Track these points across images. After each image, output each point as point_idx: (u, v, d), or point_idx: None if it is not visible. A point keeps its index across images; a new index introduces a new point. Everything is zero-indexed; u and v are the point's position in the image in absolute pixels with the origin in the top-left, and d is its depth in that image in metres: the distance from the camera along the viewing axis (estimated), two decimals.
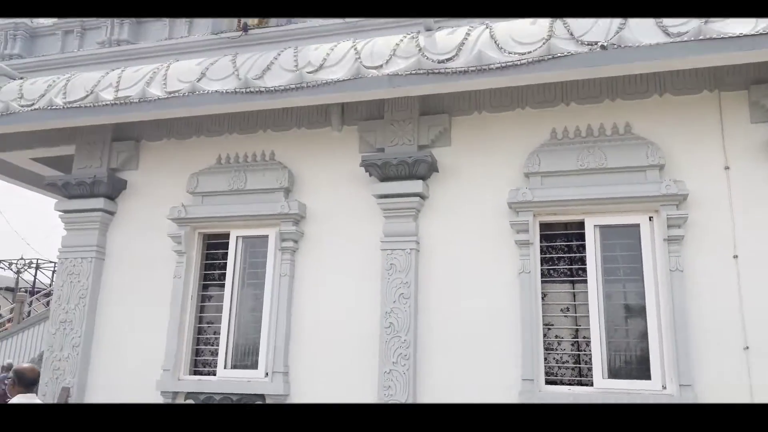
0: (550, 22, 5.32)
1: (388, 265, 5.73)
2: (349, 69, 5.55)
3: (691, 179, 5.23)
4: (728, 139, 5.27)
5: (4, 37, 7.57)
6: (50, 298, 20.55)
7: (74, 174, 6.79)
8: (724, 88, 5.34)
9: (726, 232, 5.10)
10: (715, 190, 5.21)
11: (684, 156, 5.35)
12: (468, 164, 5.91)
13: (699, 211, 5.20)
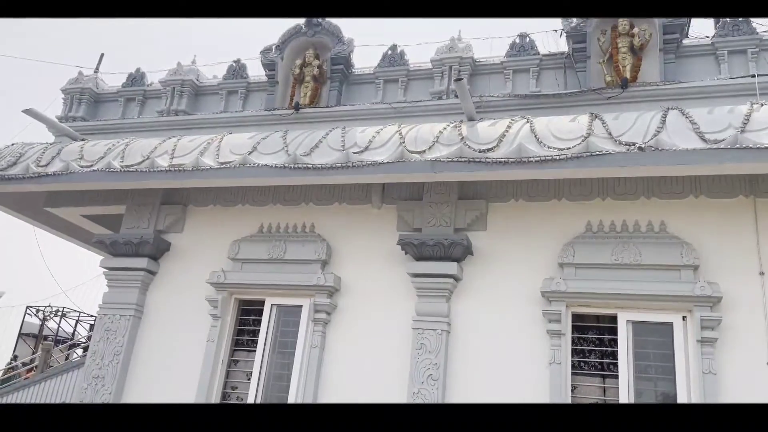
0: (589, 120, 5.53)
1: (418, 344, 5.73)
2: (393, 152, 5.75)
3: (725, 282, 5.21)
4: (763, 245, 5.29)
5: (69, 101, 8.06)
6: (72, 350, 20.63)
7: (122, 233, 7.05)
8: (759, 194, 5.40)
9: (760, 337, 5.05)
10: (749, 295, 5.19)
11: (719, 258, 5.35)
12: (503, 250, 5.99)
13: (733, 314, 5.15)
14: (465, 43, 6.80)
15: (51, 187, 6.92)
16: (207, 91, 7.82)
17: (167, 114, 7.65)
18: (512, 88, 6.52)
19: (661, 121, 5.28)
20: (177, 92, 7.72)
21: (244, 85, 7.62)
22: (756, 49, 5.95)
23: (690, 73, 6.10)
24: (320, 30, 7.26)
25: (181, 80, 7.73)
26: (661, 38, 6.12)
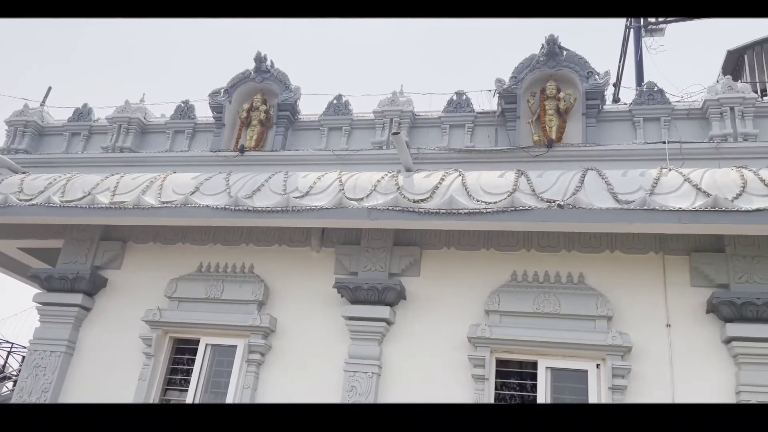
0: (516, 176, 5.90)
1: (349, 386, 5.80)
2: (332, 198, 5.99)
3: (635, 332, 5.52)
4: (670, 299, 5.65)
5: (13, 133, 8.01)
6: (2, 382, 19.75)
7: (58, 268, 6.97)
8: (668, 251, 5.78)
9: (665, 386, 5.34)
10: (657, 345, 5.50)
11: (630, 310, 5.67)
12: (434, 295, 6.16)
13: (642, 363, 5.43)
14: (406, 97, 7.15)
15: None
16: (154, 129, 7.88)
17: (112, 150, 7.68)
18: (448, 142, 6.86)
19: (579, 181, 5.69)
20: (123, 129, 7.77)
21: (191, 125, 7.74)
22: (668, 118, 6.49)
23: (610, 137, 6.57)
24: (268, 76, 7.51)
25: (128, 117, 7.79)
26: (584, 103, 6.59)
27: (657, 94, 6.56)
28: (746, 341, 5.25)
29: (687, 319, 5.58)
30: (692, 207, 5.20)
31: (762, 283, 5.42)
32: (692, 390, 5.31)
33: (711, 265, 5.61)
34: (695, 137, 6.37)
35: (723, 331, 5.38)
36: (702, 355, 5.43)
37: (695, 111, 6.48)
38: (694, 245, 5.73)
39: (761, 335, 5.21)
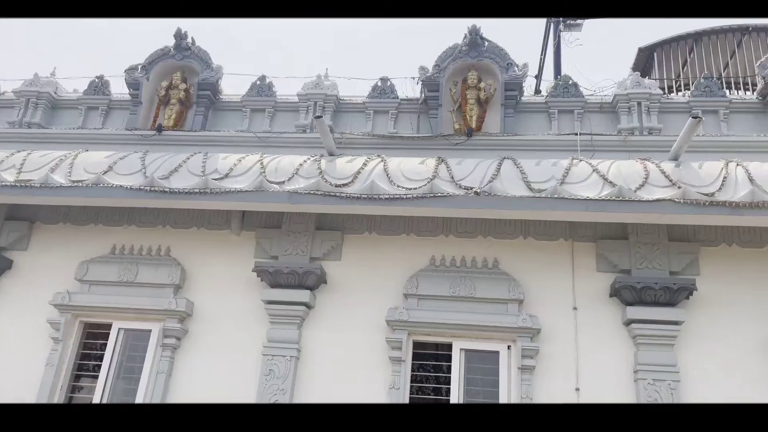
0: (436, 163, 6.01)
1: (267, 370, 5.80)
2: (253, 181, 5.94)
3: (544, 315, 5.77)
4: (578, 283, 5.91)
5: None
6: None
7: None
8: (577, 238, 6.04)
9: (570, 366, 5.60)
10: (564, 327, 5.75)
11: (540, 294, 5.90)
12: (354, 279, 6.22)
13: (549, 344, 5.68)
14: (331, 81, 7.14)
15: None
16: (65, 105, 7.56)
17: (19, 126, 7.32)
18: (372, 128, 6.91)
19: (496, 169, 5.87)
20: (32, 104, 7.42)
21: (106, 102, 7.47)
22: (581, 110, 6.76)
23: (527, 127, 6.78)
24: (189, 54, 7.32)
25: (37, 92, 7.44)
26: (503, 94, 6.76)
27: (571, 88, 6.82)
28: (644, 323, 5.56)
29: (592, 303, 5.85)
30: (599, 196, 5.46)
31: (660, 269, 5.75)
32: (595, 369, 5.59)
33: (615, 252, 5.91)
34: (605, 130, 6.64)
35: (624, 313, 5.68)
36: (605, 337, 5.71)
37: (606, 105, 6.76)
38: (600, 233, 6.00)
39: (657, 318, 5.54)
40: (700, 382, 5.46)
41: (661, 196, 5.42)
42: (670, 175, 5.64)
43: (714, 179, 5.56)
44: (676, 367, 5.46)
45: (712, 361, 5.54)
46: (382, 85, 7.06)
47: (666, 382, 5.41)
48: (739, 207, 5.30)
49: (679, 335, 5.58)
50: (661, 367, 5.46)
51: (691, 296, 5.65)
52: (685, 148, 5.85)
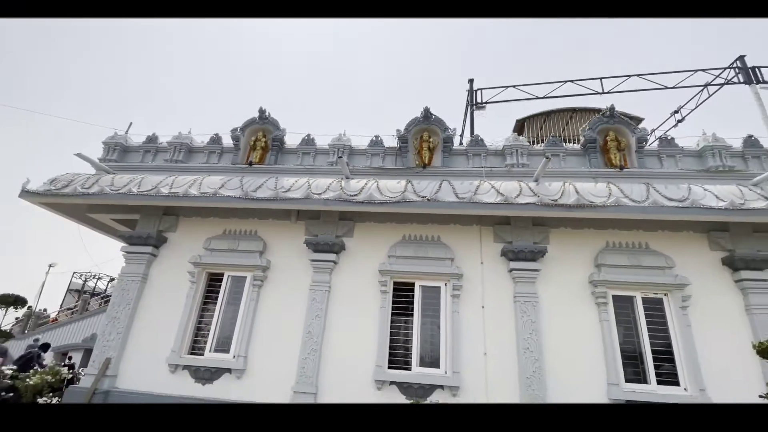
0: (405, 183, 6.12)
1: (312, 298, 5.98)
2: (303, 193, 6.15)
3: (465, 267, 5.98)
4: (483, 249, 6.11)
5: (107, 149, 7.56)
6: (102, 300, 18.74)
7: (136, 231, 6.71)
8: (483, 224, 6.23)
9: (479, 294, 5.83)
10: (475, 273, 5.96)
11: (463, 255, 6.09)
12: (361, 248, 6.34)
13: (468, 283, 5.90)
14: (347, 137, 7.30)
15: (90, 201, 6.48)
16: (196, 150, 7.57)
17: (171, 161, 7.37)
18: (370, 163, 7.02)
19: (439, 186, 6.03)
20: (177, 149, 7.46)
21: (219, 148, 7.49)
22: (485, 154, 6.81)
23: (455, 163, 6.89)
24: (267, 122, 7.43)
25: (180, 142, 7.45)
26: (442, 144, 6.91)
27: (480, 141, 6.98)
28: (519, 271, 5.81)
29: (491, 260, 6.05)
30: (494, 201, 5.72)
31: (527, 241, 5.96)
32: (493, 296, 5.77)
33: (504, 232, 6.11)
34: (499, 165, 6.79)
35: (508, 265, 5.91)
36: (498, 279, 5.91)
37: (499, 150, 6.89)
38: (495, 221, 6.19)
39: (526, 267, 5.80)
40: (547, 301, 5.69)
41: (528, 201, 5.67)
42: (533, 189, 5.85)
43: (557, 191, 5.79)
44: (536, 294, 5.71)
45: (555, 290, 5.75)
46: (375, 140, 7.20)
47: (531, 302, 5.66)
48: (570, 207, 5.59)
49: (537, 277, 5.83)
50: (528, 294, 5.71)
51: (544, 256, 5.91)
52: (541, 174, 6.10)
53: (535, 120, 10.92)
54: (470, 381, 5.39)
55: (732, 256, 5.57)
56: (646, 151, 6.55)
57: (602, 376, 5.28)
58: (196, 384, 5.83)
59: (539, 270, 5.83)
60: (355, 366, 5.61)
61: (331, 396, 5.52)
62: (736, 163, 6.31)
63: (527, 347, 5.43)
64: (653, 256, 5.76)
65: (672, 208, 5.42)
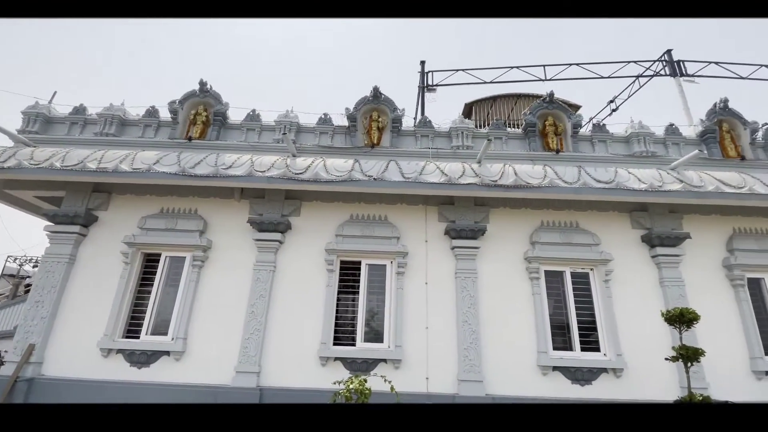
0: (353, 162, 6.14)
1: (256, 278, 5.90)
2: (246, 169, 5.97)
3: (411, 245, 6.13)
4: (428, 228, 6.26)
5: (27, 119, 6.82)
6: None
7: (62, 209, 6.21)
8: (429, 204, 6.37)
9: (423, 271, 6.00)
10: (420, 251, 6.12)
11: (409, 233, 6.22)
12: (308, 227, 6.28)
13: (413, 260, 6.06)
14: (294, 114, 7.12)
15: (6, 176, 5.90)
16: (130, 123, 7.03)
17: (101, 135, 6.79)
18: (319, 142, 6.90)
19: (386, 166, 6.09)
20: (108, 122, 6.87)
21: (156, 122, 7.01)
22: (433, 136, 6.90)
23: (404, 144, 6.91)
24: (208, 95, 7.04)
25: (111, 114, 6.88)
26: (391, 124, 6.92)
27: (428, 123, 7.06)
28: (460, 248, 6.04)
29: (435, 238, 6.22)
30: (438, 181, 5.88)
31: (469, 220, 6.18)
32: (436, 273, 5.96)
33: (448, 211, 6.29)
34: (445, 146, 6.90)
35: (451, 243, 6.12)
36: (442, 255, 6.11)
37: (445, 133, 6.99)
38: (441, 200, 6.34)
39: (467, 245, 6.04)
40: (486, 277, 5.99)
41: (470, 182, 5.88)
42: (475, 170, 6.06)
43: (497, 173, 6.03)
44: (475, 270, 5.98)
45: (493, 266, 6.04)
46: (324, 117, 7.08)
47: (470, 278, 5.94)
48: (508, 187, 5.86)
49: (477, 254, 6.11)
50: (468, 270, 5.98)
51: (484, 234, 6.18)
52: (484, 156, 6.30)
53: (482, 104, 11.21)
54: (412, 354, 5.61)
55: (650, 234, 6.12)
56: (581, 136, 6.95)
57: (533, 344, 5.68)
58: (132, 368, 5.62)
59: (479, 247, 6.10)
60: (300, 344, 5.65)
61: (275, 375, 5.54)
62: (658, 149, 6.87)
63: (466, 320, 5.71)
64: (582, 234, 6.20)
65: (599, 189, 5.83)
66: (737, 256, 6.09)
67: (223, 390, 5.36)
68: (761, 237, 6.27)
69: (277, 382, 5.49)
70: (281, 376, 5.53)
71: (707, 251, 6.18)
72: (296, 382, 5.46)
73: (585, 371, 5.52)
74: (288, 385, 5.45)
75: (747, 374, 5.64)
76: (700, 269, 6.07)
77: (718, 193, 5.82)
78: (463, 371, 5.47)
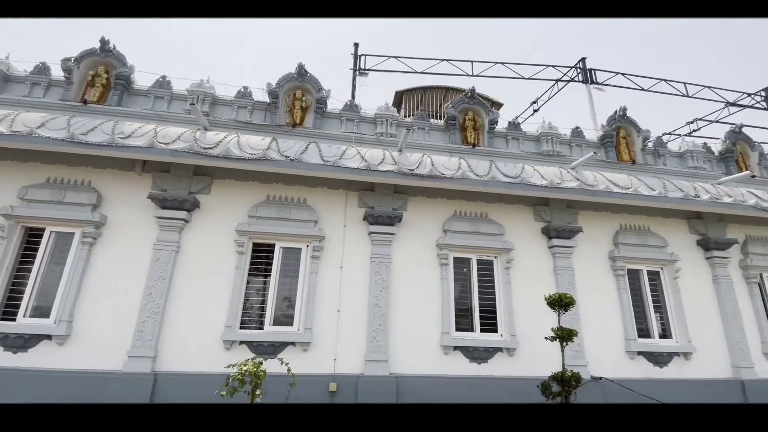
0: (270, 140, 5.99)
1: (156, 258, 5.54)
2: (147, 140, 5.54)
3: (329, 229, 6.11)
4: (347, 213, 6.27)
5: None
6: None
7: None
8: (349, 189, 6.35)
9: (338, 255, 6.04)
10: (338, 235, 6.13)
11: (328, 217, 6.13)
12: (218, 206, 5.99)
13: (330, 244, 6.06)
14: (210, 84, 6.70)
15: None
16: (15, 79, 6.20)
17: None
18: (236, 116, 6.60)
19: (305, 148, 6.02)
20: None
21: (47, 80, 6.26)
22: (359, 121, 6.92)
23: (330, 126, 6.83)
24: (111, 55, 6.40)
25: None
26: (315, 105, 6.81)
27: (354, 108, 7.05)
28: (377, 234, 6.16)
29: (354, 223, 6.26)
30: (357, 167, 5.93)
31: (387, 207, 6.28)
32: (352, 257, 6.02)
33: (368, 197, 6.34)
34: (370, 132, 6.95)
35: (369, 228, 6.20)
36: (358, 241, 6.17)
37: (371, 119, 7.04)
38: (361, 186, 6.36)
39: (384, 231, 6.17)
40: (399, 262, 6.17)
41: (389, 169, 6.00)
42: (395, 158, 6.21)
43: (416, 162, 6.23)
44: (390, 256, 6.15)
45: (406, 252, 6.26)
46: (243, 91, 6.77)
47: (384, 263, 6.09)
48: (424, 177, 6.06)
49: (393, 240, 6.26)
50: (383, 256, 6.12)
51: (401, 221, 6.33)
52: (404, 145, 6.43)
53: (413, 94, 11.40)
54: (322, 336, 5.65)
55: (549, 226, 6.68)
56: (497, 133, 7.35)
57: (438, 326, 5.99)
58: (5, 353, 5.04)
59: (395, 234, 6.26)
60: (204, 328, 5.45)
61: (173, 359, 5.29)
62: (564, 149, 7.47)
63: (376, 303, 5.86)
64: (490, 224, 6.61)
65: (506, 183, 6.23)
66: (621, 249, 6.88)
67: (114, 376, 5.01)
68: (643, 233, 7.13)
69: (175, 367, 5.25)
70: (180, 361, 5.29)
71: (596, 244, 6.91)
72: (196, 367, 5.27)
73: (482, 350, 5.95)
74: (187, 369, 5.24)
75: (622, 354, 6.45)
76: (589, 260, 6.78)
77: (608, 192, 6.50)
78: (371, 352, 5.64)
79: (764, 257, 7.43)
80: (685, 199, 6.76)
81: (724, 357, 6.70)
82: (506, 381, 5.77)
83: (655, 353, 6.42)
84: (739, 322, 6.87)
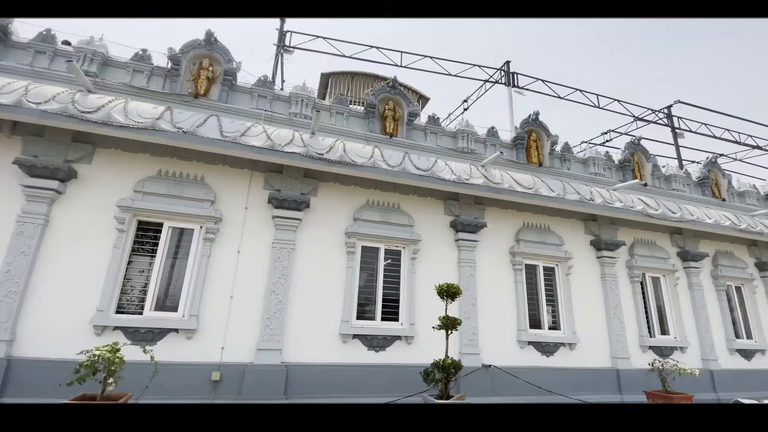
0: (164, 110, 5.48)
1: (18, 231, 4.92)
2: (15, 99, 4.88)
3: (227, 210, 5.84)
4: (250, 194, 6.02)
5: None
6: None
7: None
8: (254, 169, 6.11)
9: (237, 238, 5.79)
10: (238, 217, 5.88)
11: (227, 198, 5.90)
12: (99, 178, 5.46)
13: (228, 227, 5.78)
14: (103, 43, 6.04)
15: None
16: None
17: None
18: (131, 81, 6.00)
19: (204, 121, 5.65)
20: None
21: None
22: (273, 98, 6.59)
23: (239, 101, 6.46)
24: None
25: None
26: (223, 76, 6.39)
27: (268, 83, 6.69)
28: (282, 218, 5.99)
29: (257, 206, 6.03)
30: (260, 145, 5.68)
31: (295, 191, 6.09)
32: (252, 242, 5.80)
33: (275, 179, 6.11)
34: (283, 111, 6.62)
35: (272, 212, 6.01)
36: (260, 225, 5.95)
37: (285, 97, 6.71)
38: (268, 167, 6.11)
39: (289, 216, 6.00)
40: (304, 249, 6.04)
41: (296, 151, 5.82)
42: (305, 141, 6.03)
43: (327, 147, 6.10)
44: (293, 242, 6.01)
45: (312, 239, 6.15)
46: (141, 54, 6.18)
47: (287, 249, 5.95)
48: (332, 162, 5.97)
49: (299, 225, 6.11)
50: (286, 241, 5.97)
51: (309, 207, 6.20)
52: (316, 128, 6.22)
53: (340, 78, 11.27)
54: (210, 323, 5.40)
55: (456, 220, 6.91)
56: (417, 126, 7.45)
57: (339, 314, 5.97)
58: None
59: (301, 219, 6.12)
60: (72, 311, 4.99)
61: (30, 345, 4.76)
62: (478, 147, 7.76)
63: (274, 290, 5.70)
64: (400, 215, 6.70)
65: (416, 175, 6.33)
66: (521, 245, 7.30)
67: None
68: (542, 231, 7.62)
69: (32, 353, 4.72)
70: (41, 347, 4.77)
71: (499, 240, 7.28)
72: (58, 354, 4.76)
73: (380, 339, 6.04)
74: (46, 356, 4.73)
75: (514, 343, 6.86)
76: (491, 254, 7.13)
77: (510, 190, 6.85)
78: (263, 340, 5.48)
79: (648, 258, 8.30)
80: (580, 202, 7.32)
81: (605, 348, 7.40)
82: (400, 368, 5.90)
83: (543, 343, 6.92)
84: (620, 316, 7.61)
